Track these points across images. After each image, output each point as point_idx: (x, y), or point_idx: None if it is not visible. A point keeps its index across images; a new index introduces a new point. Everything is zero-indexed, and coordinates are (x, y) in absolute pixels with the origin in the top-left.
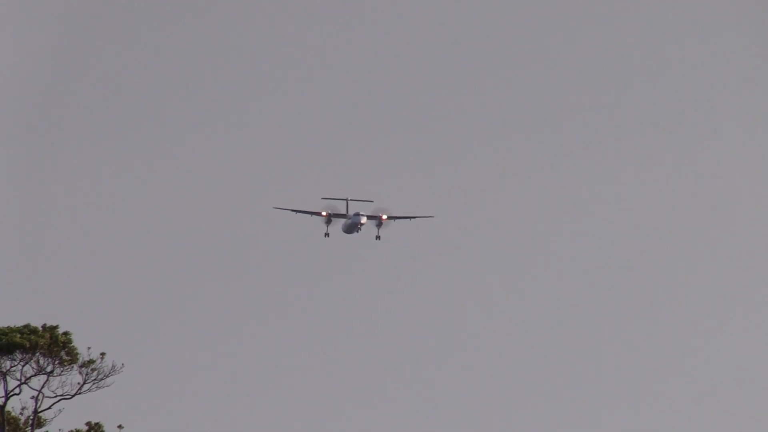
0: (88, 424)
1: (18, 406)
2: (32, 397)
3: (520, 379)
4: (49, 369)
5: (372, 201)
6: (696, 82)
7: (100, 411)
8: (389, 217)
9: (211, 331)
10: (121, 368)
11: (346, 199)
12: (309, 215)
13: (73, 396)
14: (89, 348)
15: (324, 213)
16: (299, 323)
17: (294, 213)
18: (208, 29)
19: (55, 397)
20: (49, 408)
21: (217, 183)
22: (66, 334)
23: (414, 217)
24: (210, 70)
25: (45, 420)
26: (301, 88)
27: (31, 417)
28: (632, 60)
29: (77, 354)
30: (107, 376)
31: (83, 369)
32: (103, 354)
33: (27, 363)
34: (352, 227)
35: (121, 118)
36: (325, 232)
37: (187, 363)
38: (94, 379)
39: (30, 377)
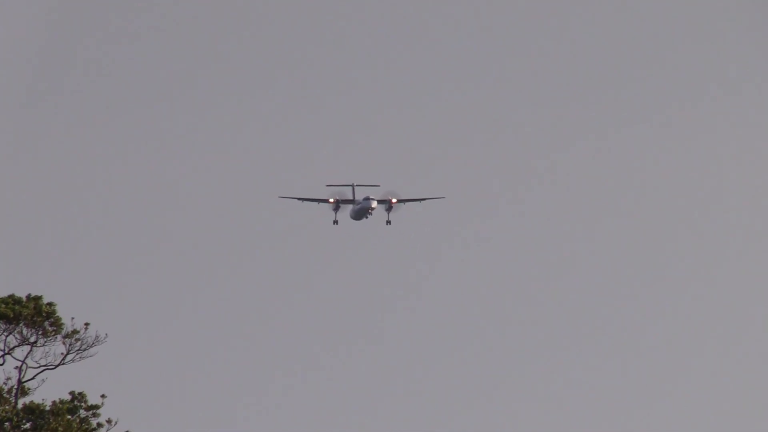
0: (71, 393)
1: (2, 376)
2: (16, 368)
3: (531, 369)
4: (32, 339)
5: (378, 185)
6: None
7: (83, 381)
8: (399, 201)
9: (209, 317)
10: (104, 339)
11: (352, 185)
12: (316, 203)
13: (57, 366)
14: (73, 318)
15: (331, 200)
16: (310, 312)
17: (300, 201)
18: (212, 16)
19: (39, 367)
20: (33, 378)
21: (219, 174)
22: (50, 304)
23: (424, 199)
24: (213, 58)
25: (29, 390)
26: (301, 76)
27: (15, 387)
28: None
29: (61, 324)
30: (91, 347)
31: (67, 339)
32: (87, 324)
33: (11, 333)
34: (362, 212)
35: (125, 106)
36: (334, 219)
37: (174, 341)
38: (78, 350)
39: (14, 347)
